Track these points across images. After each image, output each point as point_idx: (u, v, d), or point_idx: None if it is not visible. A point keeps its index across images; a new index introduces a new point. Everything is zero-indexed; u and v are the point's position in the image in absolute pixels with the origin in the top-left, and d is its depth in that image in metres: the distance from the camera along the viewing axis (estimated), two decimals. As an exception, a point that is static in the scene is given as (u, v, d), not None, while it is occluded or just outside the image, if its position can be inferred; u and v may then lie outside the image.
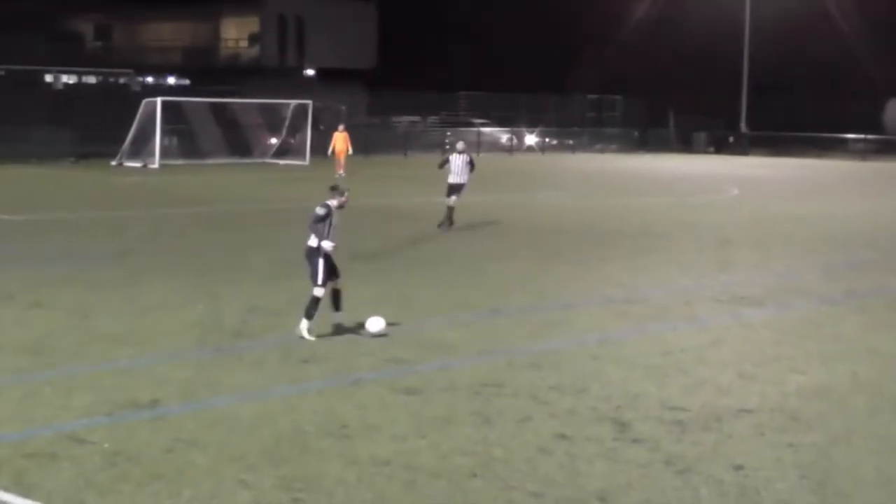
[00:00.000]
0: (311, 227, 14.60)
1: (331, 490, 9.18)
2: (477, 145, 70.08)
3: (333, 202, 14.83)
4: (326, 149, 47.64)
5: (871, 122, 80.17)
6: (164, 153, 49.92)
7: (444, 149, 65.82)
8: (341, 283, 14.91)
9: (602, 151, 76.35)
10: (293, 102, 56.69)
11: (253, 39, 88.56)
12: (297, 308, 16.89)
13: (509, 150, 72.04)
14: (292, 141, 56.65)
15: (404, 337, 15.07)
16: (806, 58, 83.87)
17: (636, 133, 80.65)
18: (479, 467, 9.85)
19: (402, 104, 71.53)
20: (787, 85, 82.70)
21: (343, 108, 61.10)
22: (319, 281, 14.54)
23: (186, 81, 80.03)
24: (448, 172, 27.69)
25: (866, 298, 19.48)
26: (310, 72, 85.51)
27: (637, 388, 12.77)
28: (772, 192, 45.51)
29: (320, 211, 14.62)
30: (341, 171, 44.97)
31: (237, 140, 55.57)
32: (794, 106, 78.47)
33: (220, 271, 20.32)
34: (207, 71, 77.63)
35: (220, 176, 45.44)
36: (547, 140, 76.63)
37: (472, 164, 27.87)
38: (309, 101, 55.78)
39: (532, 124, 75.91)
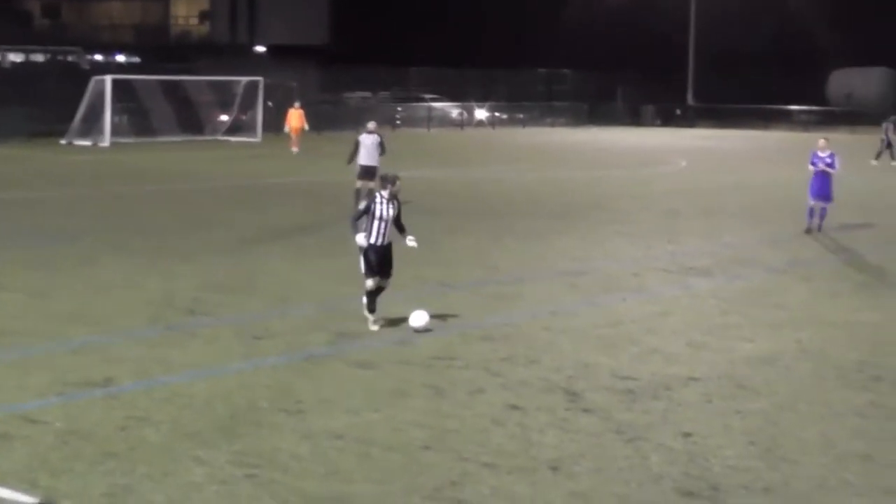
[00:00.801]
0: (351, 223, 14.26)
1: (285, 464, 9.27)
2: (428, 120, 70.12)
3: (384, 192, 14.17)
4: (279, 126, 47.51)
5: (815, 94, 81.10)
6: (115, 131, 49.44)
7: (395, 123, 65.84)
8: (387, 283, 14.29)
9: (552, 125, 76.54)
10: (244, 79, 56.40)
11: (203, 16, 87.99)
12: (250, 285, 17.01)
13: (460, 124, 72.04)
14: (244, 118, 56.38)
15: (357, 311, 15.15)
16: (752, 31, 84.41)
17: (585, 107, 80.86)
18: (432, 439, 9.97)
19: (353, 80, 71.30)
20: (734, 58, 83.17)
21: (295, 84, 60.81)
22: (363, 271, 14.15)
23: (137, 59, 79.40)
24: (358, 153, 26.45)
25: (811, 267, 19.78)
26: (261, 49, 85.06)
27: (588, 358, 12.94)
28: (718, 163, 45.92)
29: (360, 206, 14.18)
30: (295, 149, 44.88)
31: (189, 117, 55.15)
32: (740, 78, 79.18)
33: (173, 249, 20.28)
34: (158, 48, 77.09)
35: (171, 154, 45.17)
36: (497, 114, 76.67)
37: (382, 146, 26.57)
38: (260, 79, 55.51)
39: (482, 99, 75.92)
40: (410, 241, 14.40)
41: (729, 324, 14.93)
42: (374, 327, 14.09)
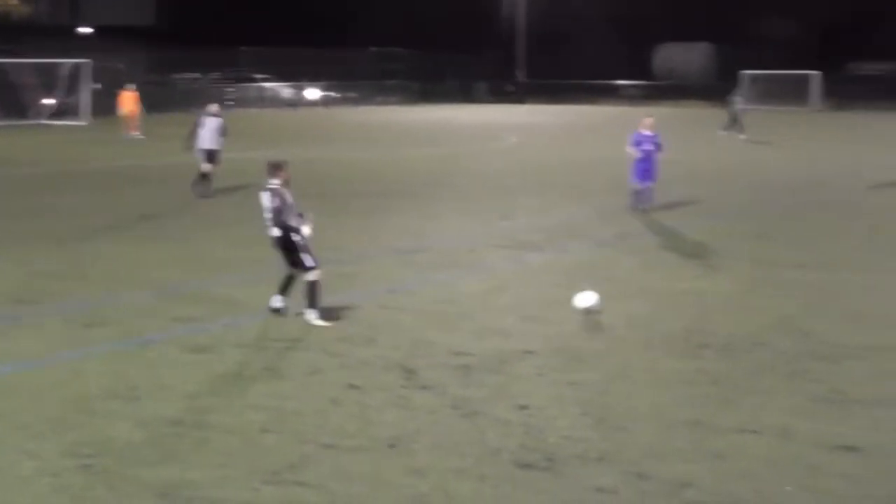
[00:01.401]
0: (277, 220, 13.37)
1: (120, 453, 9.12)
2: (260, 101, 69.42)
3: (276, 181, 13.53)
4: (107, 109, 46.50)
5: (640, 69, 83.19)
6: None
7: (227, 104, 64.98)
8: (297, 272, 13.62)
9: (384, 104, 76.70)
10: (70, 62, 54.95)
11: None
12: (81, 272, 16.62)
13: (292, 105, 71.58)
14: (69, 101, 54.98)
15: (193, 295, 15.00)
16: (580, 8, 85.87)
17: (417, 85, 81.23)
18: (271, 422, 9.93)
19: (182, 61, 70.16)
20: (562, 34, 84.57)
21: (122, 66, 59.53)
22: (309, 263, 13.45)
23: (-47, 41, 76.63)
24: (198, 136, 25.94)
25: (638, 240, 20.25)
26: (86, 29, 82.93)
27: (425, 335, 13.03)
28: (549, 138, 46.67)
29: (275, 202, 13.34)
30: (132, 133, 43.92)
31: (11, 101, 53.51)
32: (568, 54, 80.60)
33: (-3, 238, 19.72)
34: (-25, 30, 74.45)
35: (-7, 139, 43.84)
36: (330, 94, 76.44)
37: (224, 129, 26.13)
38: (86, 61, 54.18)
39: (315, 78, 75.56)
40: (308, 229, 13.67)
41: (561, 297, 15.15)
42: (325, 322, 13.35)
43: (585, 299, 13.87)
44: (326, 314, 13.58)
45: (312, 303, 13.46)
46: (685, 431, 9.80)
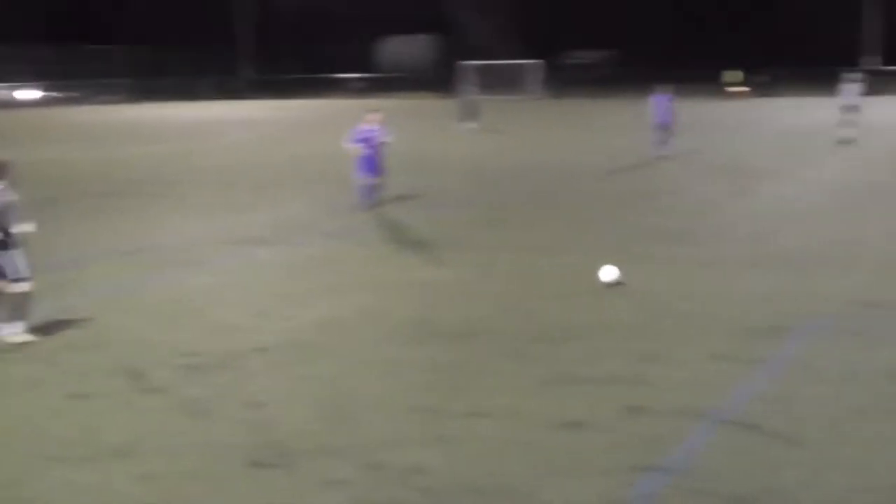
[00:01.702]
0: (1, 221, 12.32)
1: None
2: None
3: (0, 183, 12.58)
4: None
5: (365, 62, 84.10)
6: None
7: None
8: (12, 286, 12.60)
9: (107, 103, 74.69)
10: None
11: None
12: None
13: (8, 105, 68.82)
14: None
15: None
16: (306, 3, 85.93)
17: (141, 82, 79.51)
18: (-12, 437, 9.52)
19: None
20: (289, 28, 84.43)
21: None
22: (20, 273, 12.46)
23: None
24: None
25: (367, 233, 20.38)
26: None
27: (152, 336, 12.73)
28: (276, 133, 46.49)
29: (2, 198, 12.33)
30: None
31: None
32: (295, 48, 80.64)
33: None
34: None
35: None
36: (49, 94, 73.92)
37: None
38: None
39: (33, 78, 72.88)
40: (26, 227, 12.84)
41: (292, 291, 15.14)
42: (33, 337, 12.63)
43: (608, 274, 14.92)
44: (43, 324, 13.08)
45: (20, 315, 12.74)
46: (417, 419, 9.91)
